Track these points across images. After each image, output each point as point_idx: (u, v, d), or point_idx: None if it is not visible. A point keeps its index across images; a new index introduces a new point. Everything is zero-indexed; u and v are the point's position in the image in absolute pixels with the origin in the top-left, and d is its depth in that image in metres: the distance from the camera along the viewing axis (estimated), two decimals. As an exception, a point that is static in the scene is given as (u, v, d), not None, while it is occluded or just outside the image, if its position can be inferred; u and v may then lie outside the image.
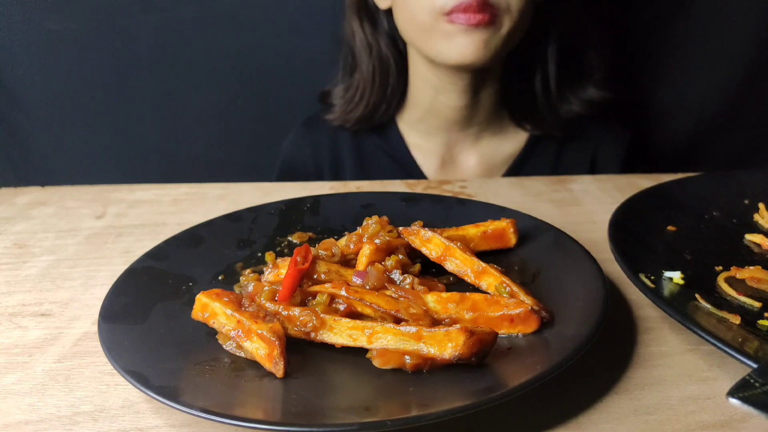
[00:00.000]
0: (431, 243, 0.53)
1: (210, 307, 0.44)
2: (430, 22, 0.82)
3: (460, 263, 0.52)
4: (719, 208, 0.65)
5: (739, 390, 0.32)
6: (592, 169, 1.01)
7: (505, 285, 0.48)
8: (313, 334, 0.43)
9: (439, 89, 0.92)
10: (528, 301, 0.45)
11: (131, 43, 1.08)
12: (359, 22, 0.95)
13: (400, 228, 0.56)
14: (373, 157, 1.01)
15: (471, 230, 0.56)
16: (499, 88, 0.96)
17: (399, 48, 0.96)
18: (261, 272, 0.54)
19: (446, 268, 0.52)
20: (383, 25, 0.95)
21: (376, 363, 0.41)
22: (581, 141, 1.02)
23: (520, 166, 1.00)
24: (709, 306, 0.47)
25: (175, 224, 0.67)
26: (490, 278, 0.49)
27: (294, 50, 1.09)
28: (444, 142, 0.99)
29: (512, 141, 1.00)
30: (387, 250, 0.53)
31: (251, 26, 1.08)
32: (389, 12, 0.92)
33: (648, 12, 1.12)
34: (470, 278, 0.51)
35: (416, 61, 0.94)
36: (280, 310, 0.44)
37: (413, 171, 0.99)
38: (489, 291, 0.49)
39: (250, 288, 0.47)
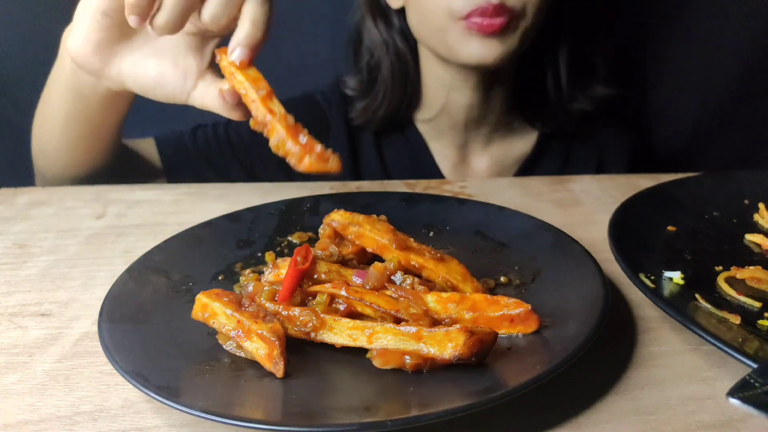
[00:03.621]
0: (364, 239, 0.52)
1: (210, 307, 0.44)
2: (446, 24, 0.82)
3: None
4: (719, 208, 0.65)
5: (739, 390, 0.32)
6: (599, 169, 1.02)
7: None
8: (313, 334, 0.43)
9: (451, 87, 0.93)
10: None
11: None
12: (373, 21, 0.96)
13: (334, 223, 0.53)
14: (394, 153, 1.01)
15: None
16: (510, 87, 0.96)
17: (411, 45, 0.96)
18: (261, 272, 0.54)
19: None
20: (395, 23, 0.95)
21: (376, 363, 0.41)
22: (589, 141, 1.03)
23: (529, 168, 1.00)
24: (709, 306, 0.47)
25: (175, 224, 0.67)
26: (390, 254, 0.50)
27: (295, 51, 1.10)
28: (455, 144, 0.99)
29: (522, 142, 1.01)
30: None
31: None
32: (400, 11, 0.93)
33: (648, 12, 1.12)
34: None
35: (428, 59, 0.94)
36: (280, 310, 0.44)
37: (433, 171, 0.99)
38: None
39: (250, 288, 0.47)
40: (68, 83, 0.72)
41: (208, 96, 0.64)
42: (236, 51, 0.58)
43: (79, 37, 0.63)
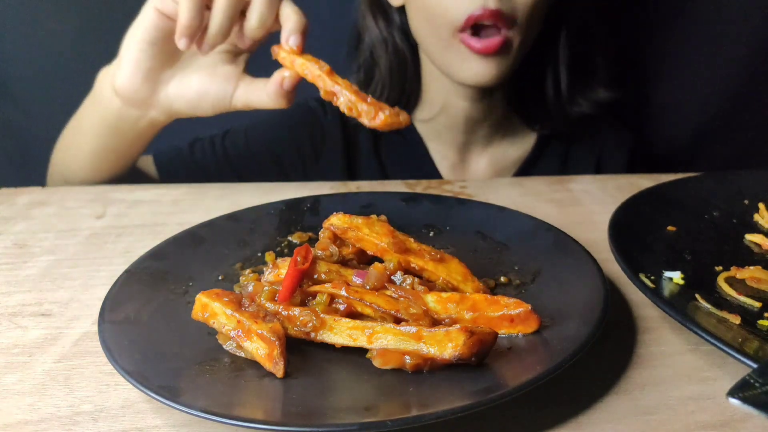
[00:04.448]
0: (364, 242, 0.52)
1: (210, 307, 0.44)
2: (444, 35, 0.82)
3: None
4: (719, 208, 0.65)
5: (739, 390, 0.32)
6: (598, 170, 1.02)
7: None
8: (313, 334, 0.43)
9: (450, 89, 0.93)
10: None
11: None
12: (373, 18, 0.96)
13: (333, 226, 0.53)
14: (392, 154, 1.01)
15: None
16: (509, 90, 0.96)
17: (412, 43, 0.96)
18: (261, 272, 0.54)
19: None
20: (396, 20, 0.95)
21: (376, 363, 0.41)
22: (587, 143, 1.03)
23: (528, 169, 1.00)
24: (709, 306, 0.47)
25: (175, 224, 0.67)
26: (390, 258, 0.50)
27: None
28: (454, 144, 0.99)
29: (521, 143, 1.01)
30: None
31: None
32: (401, 9, 0.93)
33: (648, 12, 1.12)
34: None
35: (428, 60, 0.94)
36: (280, 310, 0.44)
37: (432, 171, 0.99)
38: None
39: (250, 288, 0.47)
40: (107, 120, 0.76)
41: (252, 93, 0.70)
42: (291, 38, 0.66)
43: (128, 71, 0.70)
